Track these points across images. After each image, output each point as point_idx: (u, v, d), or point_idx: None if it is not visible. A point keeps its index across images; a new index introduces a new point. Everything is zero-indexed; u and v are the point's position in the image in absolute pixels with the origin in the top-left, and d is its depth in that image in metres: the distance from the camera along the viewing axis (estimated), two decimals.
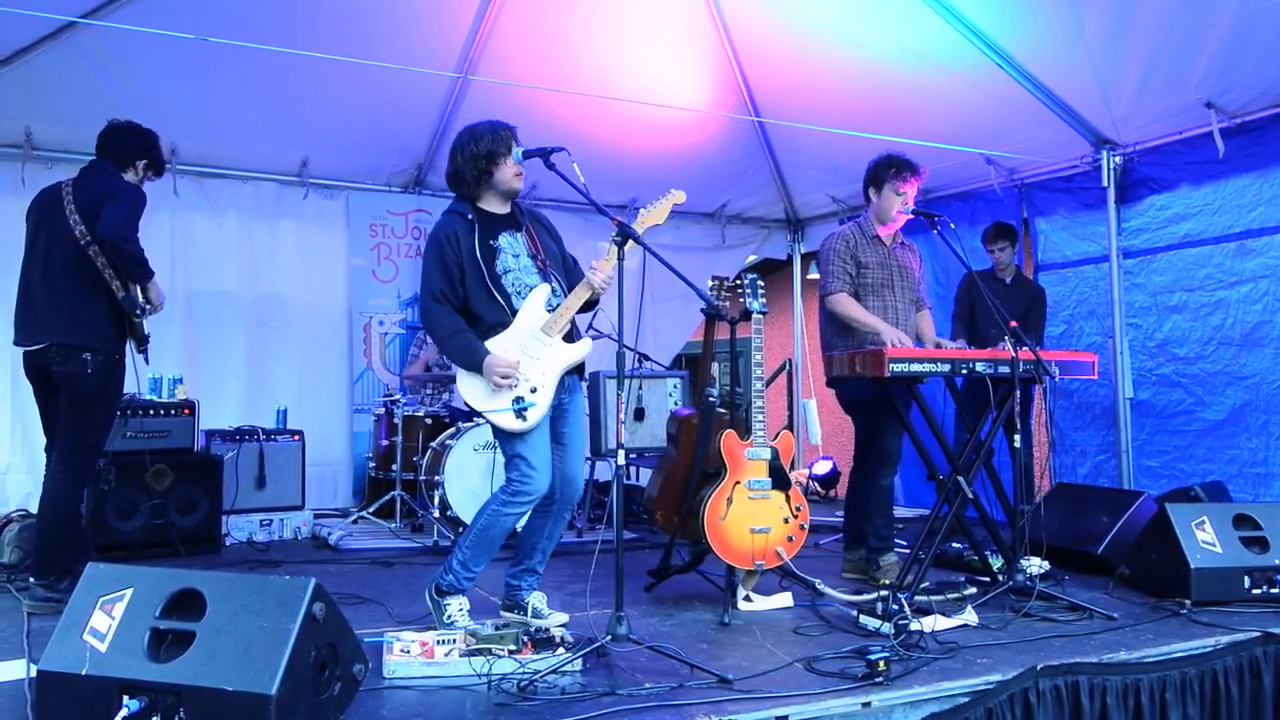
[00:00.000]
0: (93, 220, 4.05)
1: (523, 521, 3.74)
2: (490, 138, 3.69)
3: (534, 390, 3.57)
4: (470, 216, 3.68)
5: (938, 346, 4.58)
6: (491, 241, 3.68)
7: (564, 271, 3.86)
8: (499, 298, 3.63)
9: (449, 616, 3.56)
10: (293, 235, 6.96)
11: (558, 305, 3.67)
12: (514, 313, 3.64)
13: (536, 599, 3.76)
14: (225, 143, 6.45)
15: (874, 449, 4.72)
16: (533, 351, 3.60)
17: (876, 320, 4.54)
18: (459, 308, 3.64)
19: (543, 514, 3.80)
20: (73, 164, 4.41)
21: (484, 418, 3.64)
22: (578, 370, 3.79)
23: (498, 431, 3.64)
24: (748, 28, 6.24)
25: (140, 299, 4.22)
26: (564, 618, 3.70)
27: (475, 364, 3.56)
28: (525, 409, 3.54)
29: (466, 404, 3.67)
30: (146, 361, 4.45)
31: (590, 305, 3.74)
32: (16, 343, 4.22)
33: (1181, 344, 5.68)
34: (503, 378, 3.51)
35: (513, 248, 3.72)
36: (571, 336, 3.76)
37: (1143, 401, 5.87)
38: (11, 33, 5.10)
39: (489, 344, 3.58)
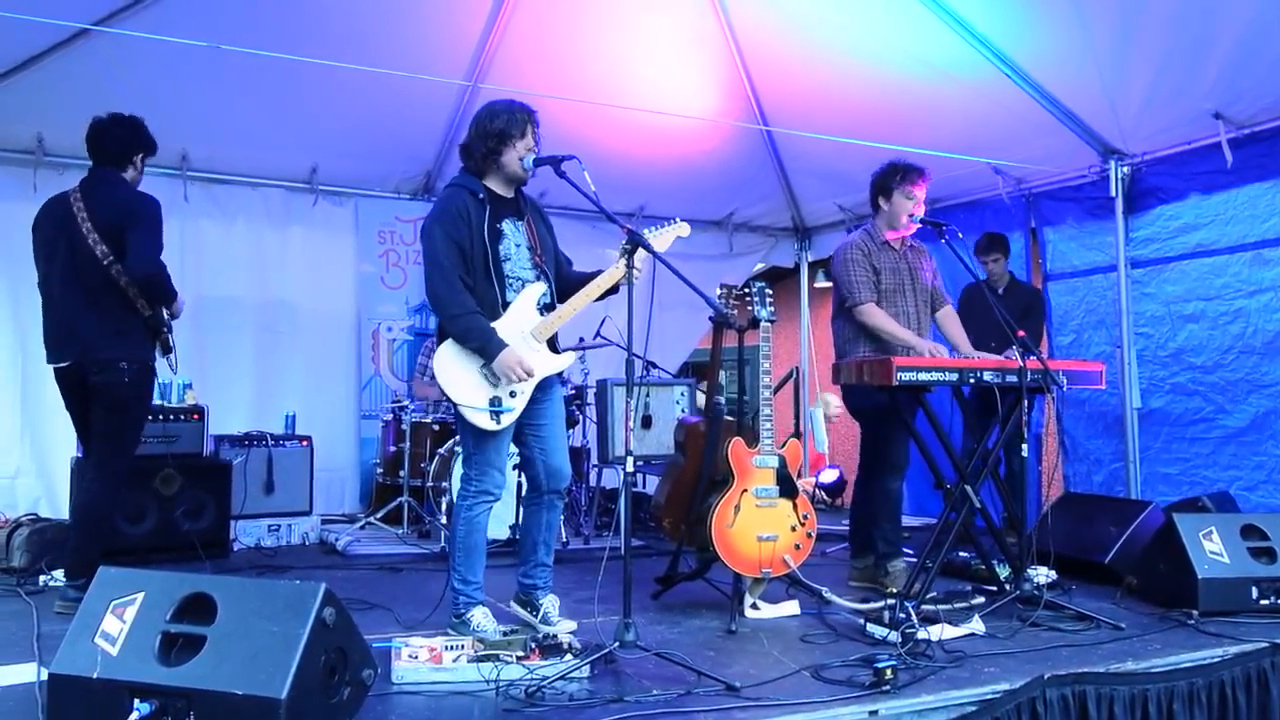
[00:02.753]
0: (114, 242, 4.10)
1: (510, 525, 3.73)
2: (505, 117, 3.61)
3: (513, 395, 3.54)
4: (481, 195, 3.62)
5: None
6: (497, 224, 3.61)
7: (555, 271, 3.80)
8: (495, 284, 3.55)
9: (477, 626, 3.55)
10: (301, 242, 6.98)
11: (548, 305, 3.64)
12: (505, 305, 3.58)
13: (549, 603, 3.77)
14: (235, 149, 6.47)
15: (879, 456, 4.72)
16: (520, 355, 3.55)
17: (909, 334, 4.53)
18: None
19: (535, 508, 3.81)
20: (84, 169, 4.41)
21: (457, 409, 3.57)
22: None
23: (462, 428, 3.61)
24: (756, 36, 6.25)
25: (166, 315, 4.35)
26: (572, 624, 3.69)
27: (487, 353, 3.46)
28: (501, 412, 3.51)
29: (442, 391, 3.56)
30: (173, 370, 4.58)
31: (611, 291, 3.68)
32: (50, 361, 4.25)
33: (1198, 352, 5.65)
34: (510, 378, 3.46)
35: (515, 235, 3.66)
36: (554, 344, 3.73)
37: (1156, 410, 5.84)
38: (24, 39, 5.13)
39: None
